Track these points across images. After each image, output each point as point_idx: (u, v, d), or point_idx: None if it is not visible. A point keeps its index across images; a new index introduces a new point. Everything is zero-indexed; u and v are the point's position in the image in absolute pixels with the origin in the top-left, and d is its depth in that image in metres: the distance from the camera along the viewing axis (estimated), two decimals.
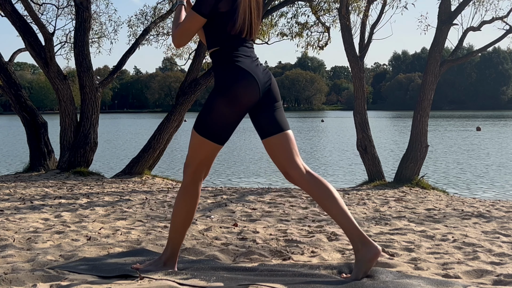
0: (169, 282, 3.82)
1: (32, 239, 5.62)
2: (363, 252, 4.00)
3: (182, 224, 4.24)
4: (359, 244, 4.01)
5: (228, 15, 4.04)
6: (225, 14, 4.04)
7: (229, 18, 4.04)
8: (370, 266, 4.04)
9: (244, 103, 4.03)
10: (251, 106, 4.09)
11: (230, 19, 4.04)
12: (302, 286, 3.78)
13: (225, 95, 3.99)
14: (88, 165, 14.50)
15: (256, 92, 4.04)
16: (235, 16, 4.04)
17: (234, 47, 4.09)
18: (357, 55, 13.54)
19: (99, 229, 6.31)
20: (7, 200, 9.05)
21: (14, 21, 14.63)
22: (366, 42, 13.84)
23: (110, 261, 4.60)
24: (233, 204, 8.80)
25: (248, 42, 4.17)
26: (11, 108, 17.42)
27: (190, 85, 13.65)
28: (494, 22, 13.52)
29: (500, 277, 4.29)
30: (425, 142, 12.93)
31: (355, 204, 9.29)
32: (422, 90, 13.05)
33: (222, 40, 4.09)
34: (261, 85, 4.06)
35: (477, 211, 8.78)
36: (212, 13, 4.05)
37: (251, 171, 21.82)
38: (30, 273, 4.08)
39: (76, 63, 14.58)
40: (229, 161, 25.37)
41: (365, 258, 4.00)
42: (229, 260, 4.87)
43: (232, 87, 3.99)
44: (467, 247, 5.57)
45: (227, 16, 4.04)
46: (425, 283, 3.88)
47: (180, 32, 4.13)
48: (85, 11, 14.47)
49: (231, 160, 25.77)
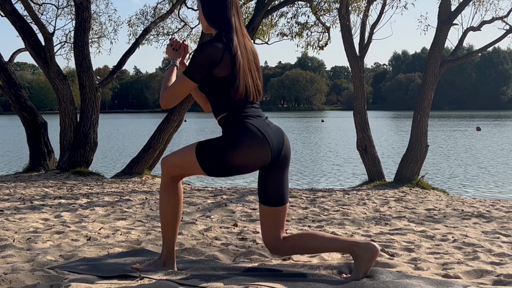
0: (169, 282, 3.82)
1: (32, 239, 5.62)
2: (361, 253, 4.01)
3: (171, 221, 4.22)
4: (354, 248, 4.04)
5: (229, 80, 3.94)
6: (225, 79, 3.94)
7: (231, 83, 3.94)
8: (369, 266, 4.04)
9: (253, 163, 3.97)
10: (259, 167, 4.04)
11: (232, 85, 3.94)
12: (302, 286, 3.78)
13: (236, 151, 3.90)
14: (88, 165, 14.51)
15: (267, 154, 3.96)
16: (237, 81, 3.94)
17: (242, 109, 3.99)
18: (357, 55, 13.54)
19: (99, 229, 6.31)
20: (7, 200, 9.06)
21: (14, 21, 14.64)
22: (366, 42, 13.84)
23: (110, 261, 4.60)
24: (233, 204, 8.80)
25: (255, 103, 4.09)
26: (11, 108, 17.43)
27: None
28: (494, 22, 13.52)
29: (500, 277, 4.28)
30: (425, 142, 12.94)
31: (355, 204, 9.29)
32: (422, 90, 13.05)
33: (228, 105, 4.00)
34: (273, 146, 3.98)
35: (477, 211, 8.79)
36: (209, 78, 3.97)
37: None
38: (30, 273, 4.08)
39: (76, 63, 14.60)
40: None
41: (364, 258, 4.01)
42: (229, 260, 4.87)
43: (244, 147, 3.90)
44: (467, 247, 5.57)
45: (227, 81, 3.94)
46: (425, 283, 3.88)
47: (169, 95, 4.04)
48: (85, 11, 14.47)
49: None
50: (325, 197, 10.33)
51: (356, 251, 4.04)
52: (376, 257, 4.05)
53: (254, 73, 4.07)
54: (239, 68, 3.94)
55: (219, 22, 4.03)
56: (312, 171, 21.85)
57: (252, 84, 4.04)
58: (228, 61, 3.91)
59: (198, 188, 12.41)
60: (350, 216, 7.82)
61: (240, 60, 3.95)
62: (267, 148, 3.94)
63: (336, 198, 10.18)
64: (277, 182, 4.12)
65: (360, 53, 13.68)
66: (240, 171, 4.01)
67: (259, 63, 4.18)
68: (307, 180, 19.01)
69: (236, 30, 4.00)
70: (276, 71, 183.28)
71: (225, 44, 3.92)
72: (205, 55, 3.90)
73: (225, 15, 4.02)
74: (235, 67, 3.93)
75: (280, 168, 4.10)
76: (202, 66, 3.91)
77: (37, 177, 13.24)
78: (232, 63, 3.92)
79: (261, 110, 4.13)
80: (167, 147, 14.72)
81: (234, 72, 3.93)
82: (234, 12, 4.04)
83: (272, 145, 3.96)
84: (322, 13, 15.58)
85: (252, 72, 4.06)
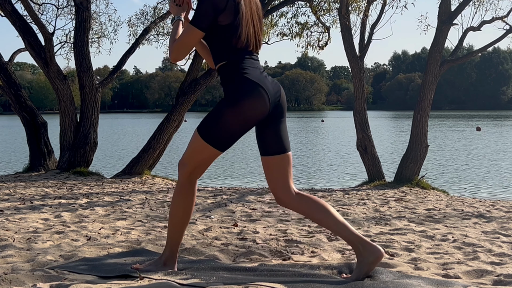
0: (169, 282, 3.83)
1: (32, 239, 5.63)
2: (365, 255, 4.01)
3: (180, 223, 4.23)
4: (359, 246, 4.02)
5: (231, 28, 4.00)
6: (228, 27, 4.00)
7: (233, 31, 4.01)
8: (372, 268, 4.04)
9: (254, 115, 3.99)
10: (260, 119, 4.05)
11: (234, 33, 4.01)
12: (302, 286, 3.78)
13: (235, 106, 3.95)
14: (88, 165, 14.51)
15: (266, 105, 4.01)
16: (239, 29, 4.00)
17: (241, 60, 4.05)
18: (357, 55, 13.54)
19: (99, 229, 6.32)
20: (7, 200, 9.06)
21: (14, 21, 14.64)
22: (366, 42, 13.85)
23: (110, 261, 4.60)
24: (233, 204, 8.81)
25: (254, 55, 4.14)
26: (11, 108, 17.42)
27: (190, 85, 13.65)
28: (494, 22, 13.52)
29: (500, 277, 4.29)
30: (425, 142, 12.94)
31: (355, 204, 9.29)
32: (422, 90, 13.05)
33: (228, 53, 4.05)
34: (271, 97, 4.03)
35: (477, 211, 8.79)
36: (213, 26, 4.02)
37: (251, 171, 21.83)
38: (30, 273, 4.09)
39: (76, 63, 14.59)
40: (229, 161, 25.36)
41: (367, 260, 4.01)
42: (229, 260, 4.87)
43: (243, 99, 3.95)
44: (467, 247, 5.58)
45: (230, 29, 4.00)
46: (425, 283, 3.89)
47: (177, 46, 4.08)
48: (85, 11, 14.47)
49: (231, 160, 25.76)
50: (325, 197, 10.33)
51: (360, 250, 4.03)
52: (379, 262, 4.06)
53: (256, 23, 4.14)
54: (242, 16, 4.02)
55: None
56: (312, 171, 21.87)
57: (253, 34, 4.11)
58: (232, 8, 3.99)
59: (198, 188, 12.40)
60: (350, 216, 7.82)
61: (243, 8, 4.02)
62: (266, 98, 4.01)
63: (336, 198, 10.19)
64: (276, 133, 4.16)
65: (360, 53, 13.68)
66: (245, 126, 4.04)
67: (261, 14, 4.24)
68: (307, 180, 19.04)
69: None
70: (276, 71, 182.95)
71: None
72: (210, 3, 3.97)
73: None
74: (238, 15, 4.00)
75: (278, 118, 4.16)
76: (207, 13, 3.98)
77: (37, 177, 13.25)
78: (235, 11, 3.99)
79: (259, 62, 4.19)
80: (167, 147, 14.73)
81: (237, 20, 4.00)
82: None
83: (269, 95, 4.03)
84: (322, 13, 15.57)
85: (254, 22, 4.12)
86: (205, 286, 3.77)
